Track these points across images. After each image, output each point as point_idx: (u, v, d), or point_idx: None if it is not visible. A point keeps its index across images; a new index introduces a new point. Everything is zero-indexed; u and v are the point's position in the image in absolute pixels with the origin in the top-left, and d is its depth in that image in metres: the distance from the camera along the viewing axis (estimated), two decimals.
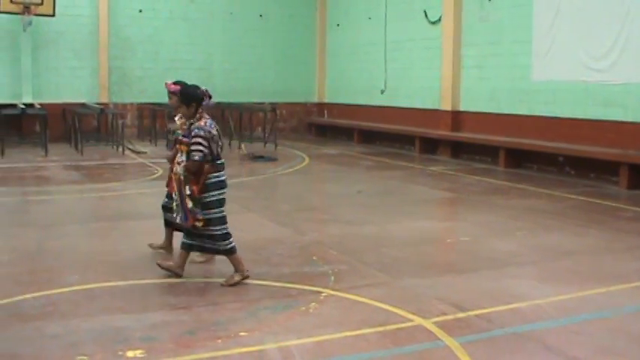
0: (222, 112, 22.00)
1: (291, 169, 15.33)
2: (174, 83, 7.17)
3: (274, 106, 21.27)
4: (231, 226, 9.28)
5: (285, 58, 24.26)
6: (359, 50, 22.51)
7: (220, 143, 6.76)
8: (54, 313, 5.85)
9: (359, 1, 22.45)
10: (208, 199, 6.63)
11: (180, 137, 6.79)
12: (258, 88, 23.59)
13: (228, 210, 10.57)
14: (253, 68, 23.73)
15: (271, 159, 16.88)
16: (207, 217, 6.64)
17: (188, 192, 6.58)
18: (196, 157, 6.50)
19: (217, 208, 6.69)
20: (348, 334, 5.36)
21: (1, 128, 17.50)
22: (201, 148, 6.51)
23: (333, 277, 6.85)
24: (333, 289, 6.45)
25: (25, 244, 8.40)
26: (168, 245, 7.74)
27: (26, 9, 19.57)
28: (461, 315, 5.77)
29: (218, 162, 6.69)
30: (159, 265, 6.86)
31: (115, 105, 21.46)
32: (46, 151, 17.21)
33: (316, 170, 15.77)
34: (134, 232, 9.05)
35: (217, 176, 6.68)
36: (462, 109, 17.86)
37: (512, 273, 7.17)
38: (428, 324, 5.56)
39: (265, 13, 23.83)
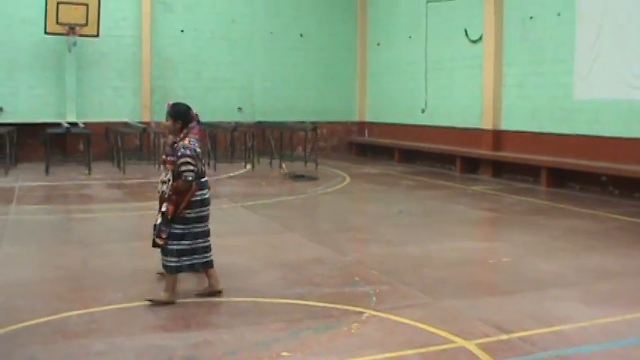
0: (263, 131, 22.16)
1: (331, 189, 15.34)
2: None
3: (315, 125, 21.32)
4: (272, 246, 9.39)
5: (326, 77, 24.35)
6: (399, 69, 22.52)
7: (203, 162, 6.85)
8: (98, 331, 5.91)
9: (399, 21, 22.48)
10: (188, 215, 6.67)
11: (163, 157, 6.82)
12: (299, 107, 23.70)
13: (269, 229, 10.72)
14: (294, 87, 23.85)
15: (312, 178, 16.91)
16: (182, 231, 6.67)
17: (164, 209, 6.61)
18: (190, 178, 6.56)
19: (193, 224, 6.72)
20: (390, 355, 5.34)
21: (46, 147, 17.79)
22: (191, 167, 6.57)
23: (374, 298, 6.83)
24: (375, 310, 6.43)
25: (69, 262, 8.52)
26: None
27: (71, 30, 19.93)
28: (504, 337, 5.72)
29: (202, 180, 6.75)
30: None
31: (157, 124, 21.68)
32: (90, 170, 17.43)
33: (357, 190, 15.75)
34: None
35: (202, 194, 6.73)
36: (503, 128, 17.76)
37: (555, 294, 7.09)
38: (470, 345, 5.52)
39: (306, 32, 23.96)
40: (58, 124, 19.54)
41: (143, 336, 5.76)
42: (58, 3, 19.57)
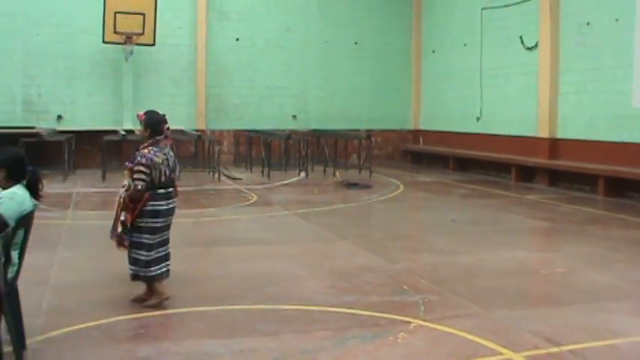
0: (318, 139, 22.19)
1: (385, 197, 15.27)
2: (145, 113, 7.15)
3: (369, 133, 21.27)
4: (322, 254, 9.36)
5: (381, 85, 24.28)
6: (454, 77, 22.36)
7: (168, 172, 6.79)
8: (145, 336, 5.97)
9: (454, 28, 22.33)
10: (140, 225, 6.67)
11: (126, 163, 6.79)
12: (354, 115, 23.67)
13: (320, 237, 10.70)
14: (348, 95, 23.82)
15: (366, 186, 16.86)
16: (137, 240, 6.68)
17: (122, 218, 6.62)
18: (139, 187, 6.56)
19: (148, 234, 6.69)
20: None
21: (103, 154, 18.07)
22: (143, 177, 6.56)
23: (423, 307, 6.76)
24: (423, 320, 6.36)
25: (120, 267, 8.54)
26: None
27: (128, 39, 20.24)
28: (554, 350, 5.60)
29: (159, 191, 6.70)
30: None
31: (212, 132, 21.89)
32: None
33: (410, 198, 15.66)
34: (227, 258, 9.16)
35: (153, 205, 6.67)
36: (559, 136, 17.49)
37: (609, 307, 6.92)
38: (519, 358, 5.42)
39: (360, 40, 23.94)
40: (115, 132, 19.83)
41: (189, 342, 5.78)
42: (115, 13, 19.87)
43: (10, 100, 20.55)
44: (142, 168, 6.59)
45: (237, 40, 22.50)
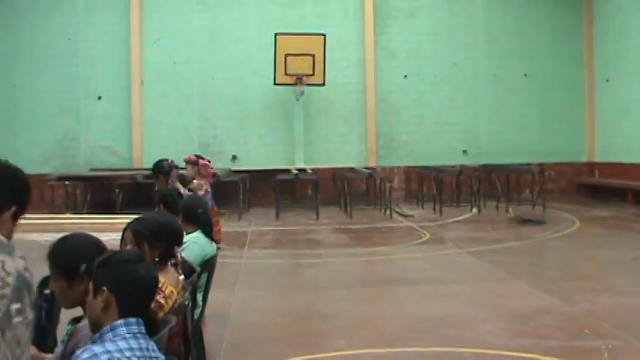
0: (489, 174, 21.84)
1: (560, 233, 14.81)
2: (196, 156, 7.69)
3: (542, 167, 20.74)
4: (497, 294, 9.18)
5: (552, 116, 23.63)
6: (631, 105, 21.44)
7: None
8: None
9: (629, 55, 21.47)
10: None
11: None
12: (525, 149, 23.14)
13: (494, 276, 10.51)
14: (519, 128, 23.34)
15: (539, 222, 16.42)
16: None
17: None
18: None
19: None
20: None
21: (276, 192, 18.56)
22: None
23: (606, 354, 6.46)
24: None
25: (296, 307, 8.77)
26: None
27: (299, 80, 20.78)
28: None
29: None
30: None
31: (383, 169, 22.01)
32: (317, 215, 17.94)
33: (587, 234, 15.11)
34: (402, 298, 9.14)
35: None
36: None
37: None
38: None
39: (530, 72, 23.45)
40: (288, 171, 20.35)
41: None
42: (286, 55, 20.49)
43: (188, 143, 21.51)
44: None
45: (405, 77, 22.61)
